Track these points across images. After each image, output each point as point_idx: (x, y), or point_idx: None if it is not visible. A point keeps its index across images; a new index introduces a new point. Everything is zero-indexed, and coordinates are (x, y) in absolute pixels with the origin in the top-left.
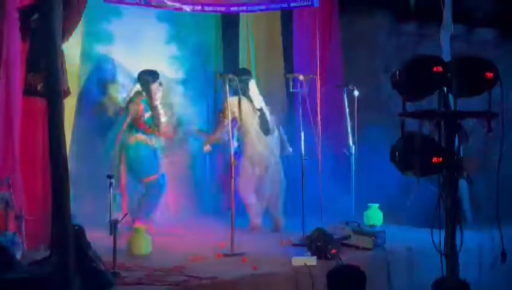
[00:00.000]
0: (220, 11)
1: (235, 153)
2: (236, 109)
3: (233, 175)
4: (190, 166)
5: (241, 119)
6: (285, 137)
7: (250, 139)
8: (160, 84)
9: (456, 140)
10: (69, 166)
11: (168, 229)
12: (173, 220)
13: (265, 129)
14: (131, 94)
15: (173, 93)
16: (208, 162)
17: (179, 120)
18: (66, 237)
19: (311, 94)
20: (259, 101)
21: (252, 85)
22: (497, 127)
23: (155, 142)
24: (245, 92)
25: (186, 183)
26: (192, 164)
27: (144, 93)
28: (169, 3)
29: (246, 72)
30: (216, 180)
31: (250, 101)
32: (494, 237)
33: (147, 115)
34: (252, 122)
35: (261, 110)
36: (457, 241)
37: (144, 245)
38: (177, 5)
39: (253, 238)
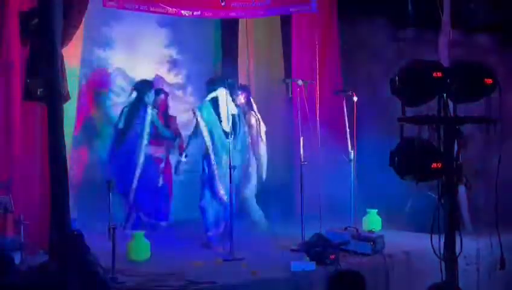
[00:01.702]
0: (219, 16)
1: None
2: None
3: (231, 180)
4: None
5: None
6: None
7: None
8: None
9: (455, 145)
10: (68, 171)
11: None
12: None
13: None
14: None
15: (172, 98)
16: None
17: None
18: (64, 242)
19: (310, 99)
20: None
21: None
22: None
23: None
24: (251, 108)
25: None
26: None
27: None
28: (169, 8)
29: (247, 89)
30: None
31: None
32: (493, 243)
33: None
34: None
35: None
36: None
37: (143, 250)
38: (177, 10)
39: (252, 243)
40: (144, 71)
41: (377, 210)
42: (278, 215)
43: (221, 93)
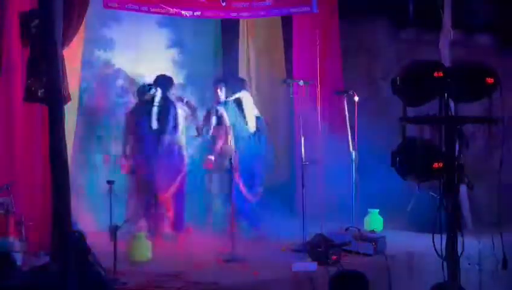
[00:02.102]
0: (220, 16)
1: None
2: None
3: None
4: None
5: None
6: None
7: None
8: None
9: (457, 145)
10: (70, 172)
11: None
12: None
13: None
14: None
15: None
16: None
17: None
18: (66, 243)
19: (311, 99)
20: None
21: None
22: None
23: None
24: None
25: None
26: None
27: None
28: (169, 8)
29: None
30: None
31: None
32: (495, 243)
33: None
34: None
35: None
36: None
37: (144, 251)
38: (177, 10)
39: (253, 244)
40: (145, 71)
41: (378, 210)
42: (279, 216)
43: (246, 96)
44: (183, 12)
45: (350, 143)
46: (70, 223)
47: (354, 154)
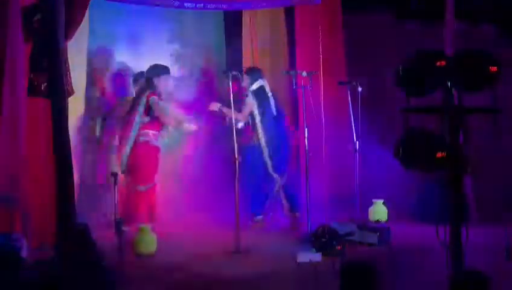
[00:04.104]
0: (223, 8)
1: None
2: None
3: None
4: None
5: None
6: None
7: None
8: None
9: (461, 135)
10: (75, 165)
11: (172, 227)
12: (176, 218)
13: None
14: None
15: (176, 91)
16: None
17: None
18: (70, 236)
19: (314, 90)
20: None
21: None
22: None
23: None
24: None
25: (187, 179)
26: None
27: None
28: (171, 1)
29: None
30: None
31: None
32: (499, 233)
33: None
34: None
35: None
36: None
37: (149, 244)
38: (180, 3)
39: (257, 235)
40: (147, 65)
41: (383, 200)
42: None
43: (265, 83)
44: (185, 4)
45: (354, 133)
46: (75, 216)
47: (357, 144)
